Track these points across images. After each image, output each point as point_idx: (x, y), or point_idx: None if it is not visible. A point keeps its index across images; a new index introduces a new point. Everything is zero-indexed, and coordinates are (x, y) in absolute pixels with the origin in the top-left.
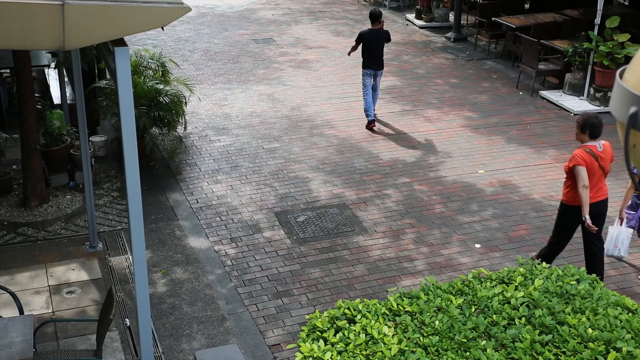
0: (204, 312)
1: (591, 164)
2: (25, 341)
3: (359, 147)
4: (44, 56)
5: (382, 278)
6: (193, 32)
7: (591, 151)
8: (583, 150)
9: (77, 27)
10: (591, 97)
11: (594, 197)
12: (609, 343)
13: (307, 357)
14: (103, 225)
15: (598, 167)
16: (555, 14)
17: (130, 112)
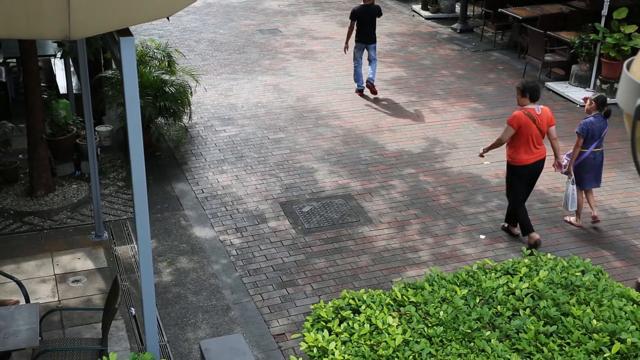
0: (209, 301)
1: (528, 125)
2: (31, 329)
3: (364, 137)
4: (50, 46)
5: (386, 268)
6: (199, 22)
7: (529, 114)
8: (522, 112)
9: (83, 16)
10: (597, 89)
11: (531, 158)
12: (614, 334)
13: (312, 347)
14: (109, 215)
15: (535, 128)
16: (561, 5)
17: (136, 102)
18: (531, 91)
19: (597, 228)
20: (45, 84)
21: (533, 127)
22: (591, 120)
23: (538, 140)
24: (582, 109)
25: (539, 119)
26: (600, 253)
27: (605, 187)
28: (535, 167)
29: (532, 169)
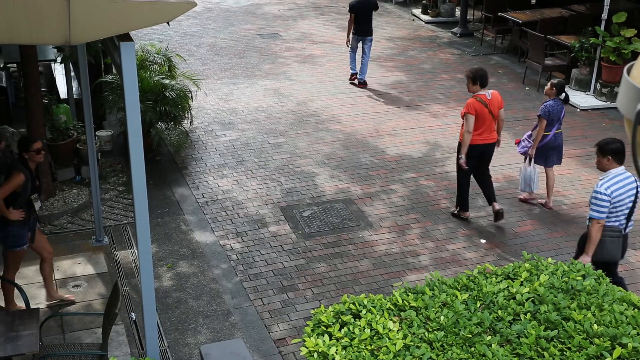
0: (210, 306)
1: (481, 110)
2: (31, 334)
3: (364, 142)
4: (50, 51)
5: (387, 273)
6: (199, 26)
7: (482, 100)
8: (475, 99)
9: (83, 22)
10: (597, 93)
11: (484, 140)
12: (615, 339)
13: (312, 352)
14: (109, 220)
15: (488, 112)
16: (561, 9)
17: (136, 106)
18: (481, 78)
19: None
20: (46, 89)
21: (486, 111)
22: (551, 104)
23: (490, 123)
24: (584, 112)
25: (490, 103)
26: None
27: None
28: (485, 149)
29: (482, 149)
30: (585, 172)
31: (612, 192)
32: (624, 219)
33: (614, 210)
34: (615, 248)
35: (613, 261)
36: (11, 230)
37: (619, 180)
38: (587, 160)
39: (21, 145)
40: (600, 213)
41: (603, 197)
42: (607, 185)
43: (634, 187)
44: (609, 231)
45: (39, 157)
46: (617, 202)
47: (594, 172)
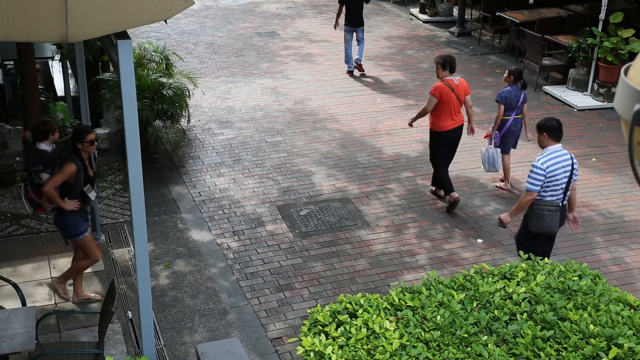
0: (206, 305)
1: (448, 94)
2: (27, 333)
3: (362, 141)
4: (47, 48)
5: (384, 272)
6: (197, 25)
7: (449, 84)
8: (442, 83)
9: (80, 19)
10: (595, 93)
11: (451, 124)
12: (611, 339)
13: (309, 351)
14: (106, 218)
15: (455, 97)
16: (559, 9)
17: (133, 105)
18: (450, 64)
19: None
20: (43, 87)
21: (452, 96)
22: (508, 90)
23: (457, 108)
24: (581, 113)
25: (457, 89)
26: (598, 257)
27: (602, 191)
28: (455, 133)
29: (452, 134)
30: (582, 172)
31: (547, 168)
32: (561, 194)
33: (550, 184)
34: (553, 221)
35: (551, 233)
36: (67, 220)
37: (555, 157)
38: (584, 160)
39: (75, 136)
40: (534, 186)
41: (538, 171)
42: (543, 160)
43: (569, 164)
44: (548, 205)
45: (92, 148)
46: (552, 177)
47: (591, 172)
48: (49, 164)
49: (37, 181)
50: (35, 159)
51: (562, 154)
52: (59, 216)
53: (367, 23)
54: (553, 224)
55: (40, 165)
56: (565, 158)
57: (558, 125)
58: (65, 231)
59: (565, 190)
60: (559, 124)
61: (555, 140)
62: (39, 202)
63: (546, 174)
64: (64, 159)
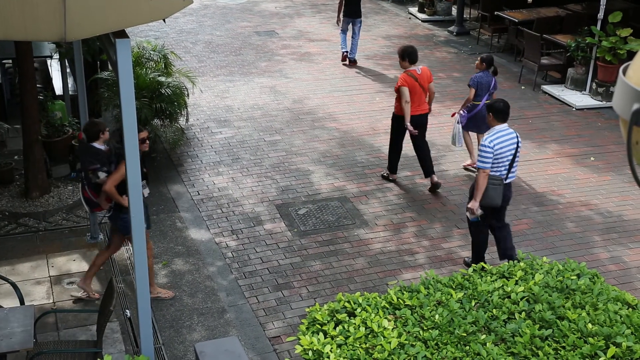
0: (205, 303)
1: (413, 84)
2: (25, 331)
3: (360, 140)
4: (45, 47)
5: (382, 271)
6: (195, 24)
7: (412, 74)
8: (406, 74)
9: (78, 18)
10: (593, 92)
11: (416, 111)
12: (609, 338)
13: (307, 350)
14: (104, 217)
15: (419, 86)
16: (558, 8)
17: (132, 103)
18: (409, 55)
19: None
20: (41, 85)
21: (416, 85)
22: (480, 75)
23: (421, 96)
24: (579, 112)
25: (420, 78)
26: (596, 256)
27: (600, 190)
28: (419, 119)
29: (416, 120)
30: (580, 171)
31: (494, 145)
32: (504, 170)
33: (496, 161)
34: (496, 194)
35: (494, 206)
36: (125, 218)
37: (501, 136)
38: (582, 159)
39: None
40: (485, 163)
41: (487, 149)
42: (490, 139)
43: (514, 142)
44: (492, 180)
45: (143, 146)
46: (498, 154)
47: (590, 171)
48: (104, 162)
49: (94, 180)
50: (91, 158)
51: (507, 133)
52: (117, 214)
53: (366, 22)
54: (496, 197)
55: (97, 164)
56: (510, 137)
57: (504, 107)
58: (122, 229)
59: (510, 167)
60: (505, 105)
61: (500, 121)
62: (96, 202)
63: (494, 151)
64: (119, 157)
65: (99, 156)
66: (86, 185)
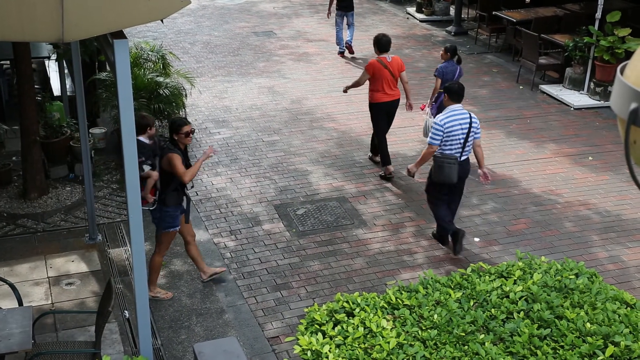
0: (203, 304)
1: (381, 70)
2: (24, 332)
3: (359, 140)
4: (43, 48)
5: (381, 271)
6: (194, 24)
7: (382, 61)
8: (376, 60)
9: (76, 19)
10: (591, 92)
11: (387, 97)
12: (607, 337)
13: (306, 350)
14: (102, 217)
15: (388, 73)
16: (556, 8)
17: (130, 104)
18: (378, 43)
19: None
20: (39, 86)
21: (386, 72)
22: (445, 65)
23: (392, 83)
24: (577, 111)
25: (390, 65)
26: (594, 256)
27: (598, 189)
28: (390, 105)
29: (387, 106)
30: (578, 170)
31: (445, 124)
32: (458, 148)
33: (448, 139)
34: (452, 172)
35: (450, 182)
36: (167, 212)
37: (454, 115)
38: (580, 159)
39: (172, 128)
40: (435, 140)
41: (438, 127)
42: (442, 118)
43: (467, 123)
44: (447, 158)
45: (187, 139)
46: (450, 133)
47: (588, 170)
48: (149, 155)
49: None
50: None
51: (460, 113)
52: (160, 207)
53: (364, 22)
54: (452, 175)
55: (142, 157)
56: (463, 117)
57: (458, 89)
58: (162, 222)
59: (463, 146)
60: (459, 87)
61: (455, 101)
62: (141, 195)
63: (444, 130)
64: (163, 150)
65: (144, 149)
66: None
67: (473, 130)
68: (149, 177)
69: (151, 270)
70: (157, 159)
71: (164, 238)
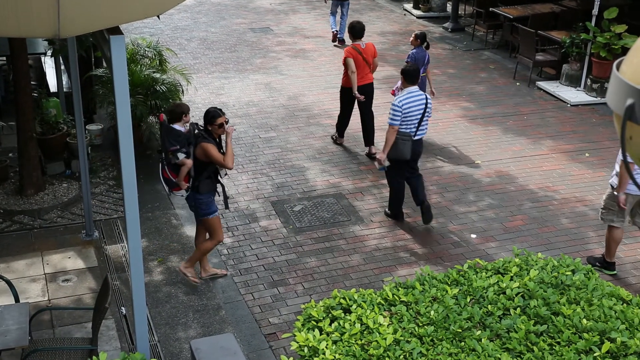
0: (200, 300)
1: (356, 57)
2: (20, 329)
3: (356, 136)
4: (40, 44)
5: (378, 268)
6: (190, 20)
7: (356, 48)
8: (351, 47)
9: (73, 14)
10: (588, 88)
11: (361, 81)
12: (604, 334)
13: (303, 347)
14: (99, 214)
15: (362, 59)
16: (552, 4)
17: (126, 100)
18: (354, 31)
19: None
20: (36, 82)
21: (360, 58)
22: (416, 51)
23: (365, 68)
24: (574, 108)
25: (364, 52)
26: (591, 252)
27: (595, 186)
28: (363, 89)
29: (360, 90)
30: (575, 167)
31: (403, 105)
32: (414, 127)
33: (405, 119)
34: (405, 149)
35: (404, 158)
36: (201, 199)
37: (411, 97)
38: (577, 155)
39: (206, 119)
40: (395, 120)
41: (396, 108)
42: (400, 99)
43: (422, 103)
44: (401, 135)
45: (220, 130)
46: (407, 113)
47: (585, 167)
48: (184, 144)
49: (173, 161)
50: (172, 140)
51: (417, 94)
52: (193, 194)
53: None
54: (406, 151)
55: (177, 145)
56: (419, 97)
57: (413, 71)
58: (198, 209)
59: (418, 125)
60: (415, 70)
61: (410, 83)
62: (175, 181)
63: (402, 110)
64: (197, 139)
65: (179, 138)
66: (165, 166)
67: (428, 111)
68: (184, 165)
69: (200, 253)
70: (191, 147)
71: (208, 224)
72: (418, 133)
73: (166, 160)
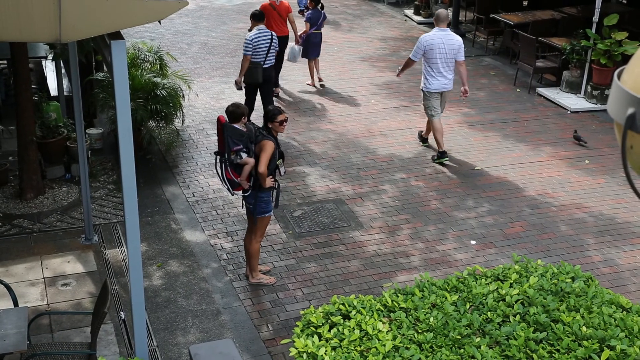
0: (199, 305)
1: (270, 11)
2: (19, 333)
3: (356, 142)
4: (41, 48)
5: (377, 273)
6: (191, 25)
7: (272, 4)
8: (267, 4)
9: (74, 19)
10: (588, 95)
11: (280, 33)
12: (603, 341)
13: (302, 353)
14: (99, 218)
15: (276, 14)
16: (553, 11)
17: (127, 105)
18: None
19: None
20: (36, 86)
21: (274, 13)
22: (312, 12)
23: (281, 21)
24: (574, 115)
25: (278, 8)
26: (590, 259)
27: (595, 193)
28: (282, 40)
29: (281, 41)
30: (575, 173)
31: (252, 39)
32: (262, 57)
33: (256, 51)
34: (257, 74)
35: (256, 82)
36: (262, 197)
37: (259, 33)
38: (576, 162)
39: (267, 116)
40: (247, 51)
41: (248, 42)
42: (251, 35)
43: (268, 38)
44: (254, 64)
45: (281, 128)
46: (257, 46)
47: (584, 173)
48: (246, 143)
49: (236, 161)
50: (236, 139)
51: (264, 31)
52: (254, 193)
53: (362, 24)
54: (257, 76)
55: (240, 145)
56: (266, 34)
57: (260, 14)
58: (256, 207)
59: (266, 55)
60: (260, 12)
61: (258, 22)
62: (238, 182)
63: (252, 44)
64: (258, 138)
65: (243, 137)
66: (228, 166)
67: (274, 45)
68: (246, 164)
69: (251, 257)
70: (253, 146)
71: (260, 223)
72: (266, 62)
73: (228, 160)
